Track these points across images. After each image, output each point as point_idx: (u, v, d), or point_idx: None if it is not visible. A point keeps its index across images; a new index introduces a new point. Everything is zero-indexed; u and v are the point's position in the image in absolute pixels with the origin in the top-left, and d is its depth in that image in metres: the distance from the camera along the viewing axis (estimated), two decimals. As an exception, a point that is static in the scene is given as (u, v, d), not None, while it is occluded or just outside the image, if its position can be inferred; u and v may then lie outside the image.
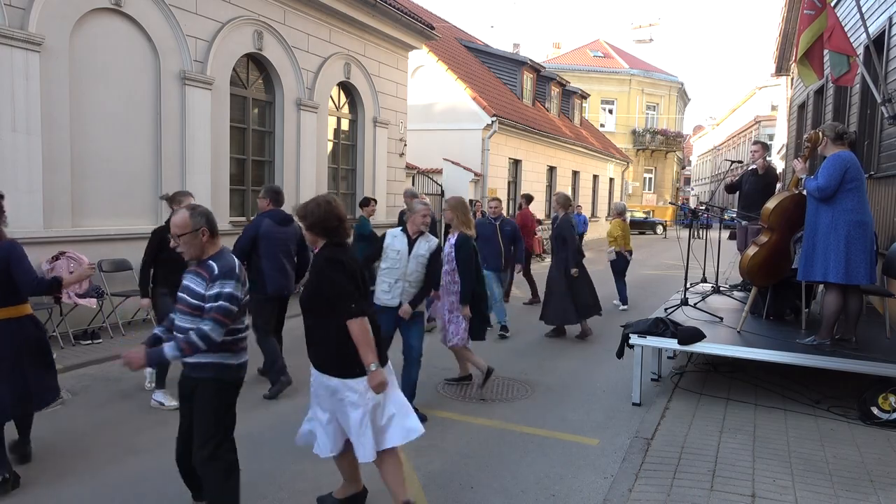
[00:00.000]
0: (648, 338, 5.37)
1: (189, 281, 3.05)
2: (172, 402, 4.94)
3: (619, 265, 10.33)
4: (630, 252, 10.42)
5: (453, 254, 5.48)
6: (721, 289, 7.68)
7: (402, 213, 8.21)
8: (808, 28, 6.62)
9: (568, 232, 7.76)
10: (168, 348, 2.94)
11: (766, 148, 7.88)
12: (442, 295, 5.58)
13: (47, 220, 6.94)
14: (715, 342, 5.27)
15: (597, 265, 11.51)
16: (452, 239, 5.58)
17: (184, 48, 8.51)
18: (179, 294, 3.07)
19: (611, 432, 4.83)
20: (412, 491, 3.60)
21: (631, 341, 5.43)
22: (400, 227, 5.01)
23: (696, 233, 10.28)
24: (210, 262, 3.03)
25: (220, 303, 2.94)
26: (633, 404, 5.43)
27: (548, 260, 16.60)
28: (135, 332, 7.49)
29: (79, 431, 4.58)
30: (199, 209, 3.09)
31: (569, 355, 7.22)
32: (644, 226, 33.10)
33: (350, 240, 5.15)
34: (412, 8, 16.93)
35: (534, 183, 21.82)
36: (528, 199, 11.56)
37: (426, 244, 4.92)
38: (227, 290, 2.96)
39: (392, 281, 4.84)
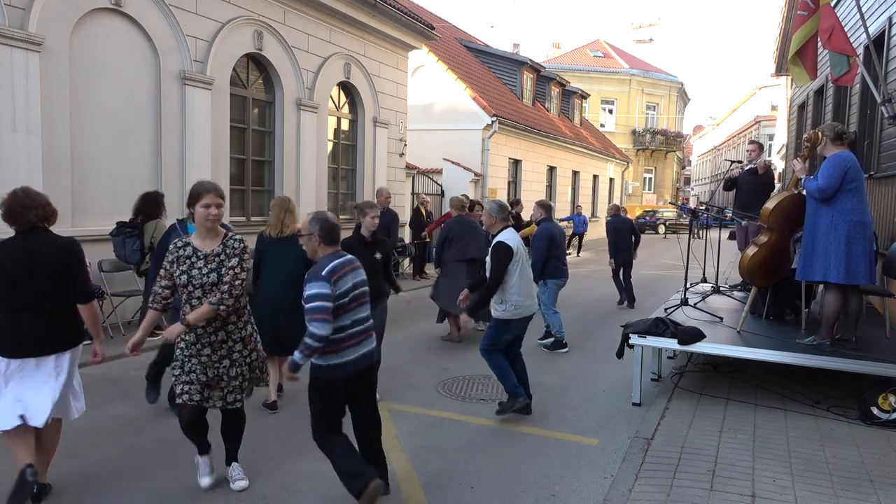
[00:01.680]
0: (648, 338, 5.37)
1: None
2: None
3: None
4: None
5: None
6: (721, 289, 7.68)
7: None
8: (800, 28, 6.63)
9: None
10: (296, 354, 3.26)
11: (761, 148, 7.90)
12: None
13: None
14: (715, 342, 5.27)
15: (597, 265, 11.50)
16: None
17: (184, 48, 8.51)
18: None
19: (611, 432, 4.83)
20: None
21: (631, 341, 5.43)
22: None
23: (696, 233, 10.26)
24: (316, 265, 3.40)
25: (310, 304, 3.23)
26: (633, 404, 5.43)
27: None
28: (135, 332, 7.47)
29: (78, 431, 4.57)
30: (317, 216, 3.44)
31: (569, 355, 7.22)
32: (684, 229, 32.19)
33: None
34: (412, 8, 16.93)
35: (534, 183, 21.83)
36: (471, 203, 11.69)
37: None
38: (311, 291, 3.23)
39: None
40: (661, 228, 33.07)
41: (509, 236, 4.88)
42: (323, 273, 3.26)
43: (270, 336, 4.63)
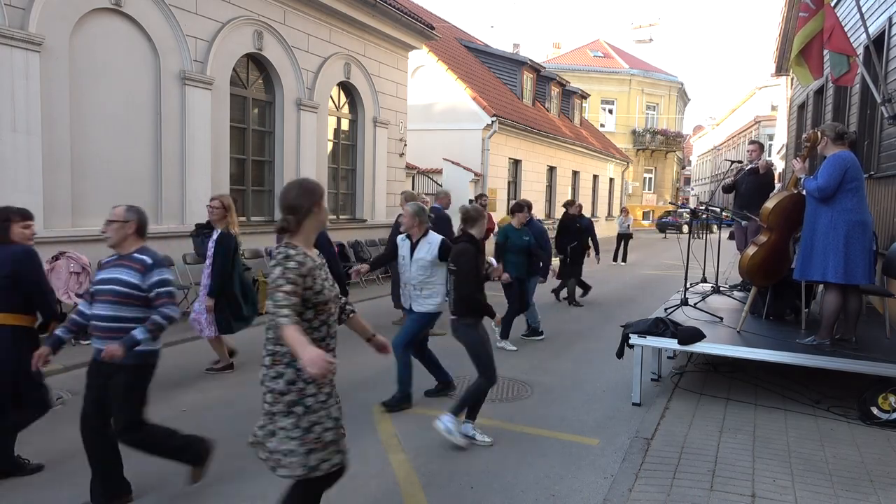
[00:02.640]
0: (648, 338, 5.37)
1: (118, 273, 3.38)
2: (486, 439, 4.52)
3: None
4: None
5: (213, 249, 5.73)
6: (721, 289, 7.68)
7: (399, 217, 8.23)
8: (801, 29, 6.63)
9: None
10: (138, 333, 3.28)
11: (762, 148, 7.90)
12: (201, 291, 5.91)
13: (47, 220, 6.94)
14: (715, 342, 5.27)
15: (596, 265, 11.47)
16: (215, 235, 5.78)
17: (184, 48, 8.51)
18: (103, 286, 3.37)
19: (611, 432, 4.83)
20: None
21: (631, 341, 5.43)
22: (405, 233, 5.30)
23: (696, 233, 10.26)
24: (137, 255, 3.43)
25: (169, 287, 3.44)
26: (633, 404, 5.43)
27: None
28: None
29: (78, 431, 4.57)
30: (135, 208, 3.53)
31: (569, 355, 7.22)
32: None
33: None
34: (412, 8, 16.93)
35: (534, 183, 21.82)
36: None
37: (427, 247, 5.13)
38: (167, 275, 3.47)
39: (403, 285, 5.31)
40: (685, 228, 33.22)
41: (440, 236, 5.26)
42: (162, 260, 3.54)
43: None
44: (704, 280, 8.27)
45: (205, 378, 5.95)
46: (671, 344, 5.31)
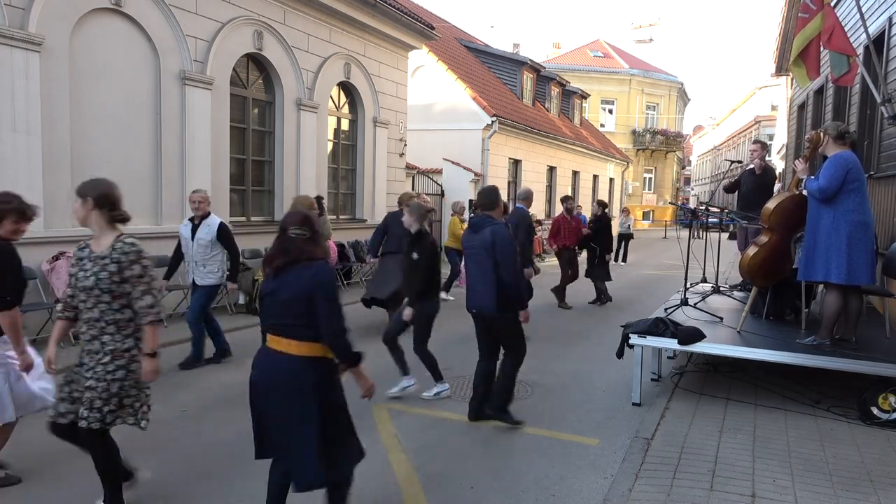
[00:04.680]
0: (648, 338, 5.37)
1: None
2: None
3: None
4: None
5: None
6: (721, 289, 7.68)
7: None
8: (801, 31, 6.64)
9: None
10: None
11: (764, 147, 7.88)
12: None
13: (47, 220, 6.94)
14: (715, 342, 5.27)
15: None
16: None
17: (184, 48, 8.51)
18: None
19: (611, 432, 4.83)
20: None
21: (631, 341, 5.43)
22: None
23: (696, 233, 10.26)
24: None
25: None
26: (633, 404, 5.43)
27: (547, 260, 16.63)
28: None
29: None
30: None
31: (569, 356, 7.22)
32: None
33: None
34: (412, 8, 16.92)
35: (534, 183, 21.81)
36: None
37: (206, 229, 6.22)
38: None
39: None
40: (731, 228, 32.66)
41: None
42: None
43: None
44: (704, 280, 8.27)
45: (205, 378, 5.95)
46: (671, 344, 5.32)
